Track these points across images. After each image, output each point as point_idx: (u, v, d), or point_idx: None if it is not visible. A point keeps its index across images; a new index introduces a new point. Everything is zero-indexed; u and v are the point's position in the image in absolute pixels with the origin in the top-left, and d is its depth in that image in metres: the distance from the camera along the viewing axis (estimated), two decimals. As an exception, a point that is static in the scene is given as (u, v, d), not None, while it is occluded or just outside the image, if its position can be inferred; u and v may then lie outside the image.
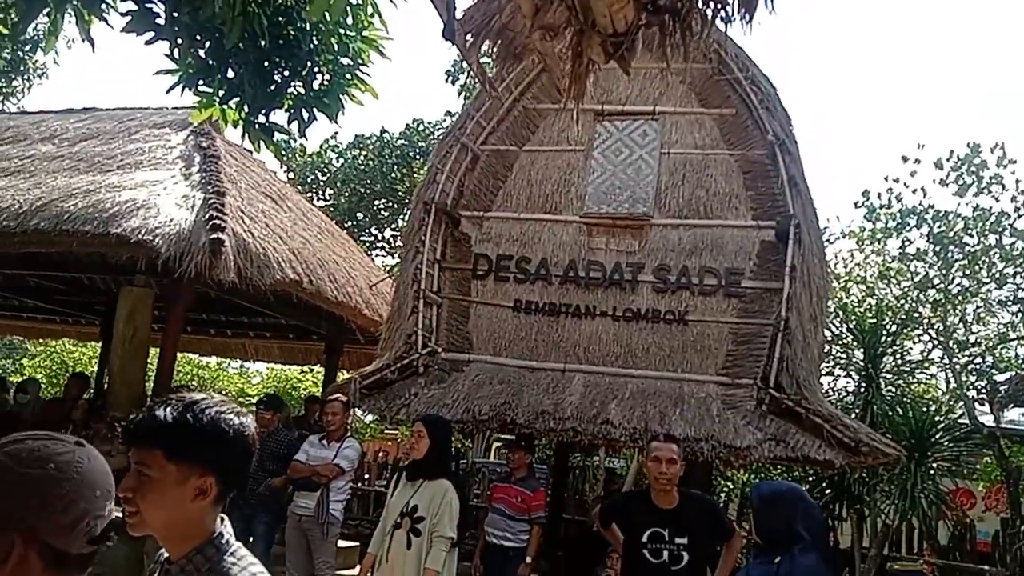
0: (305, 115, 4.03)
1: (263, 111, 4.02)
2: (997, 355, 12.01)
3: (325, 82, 3.89)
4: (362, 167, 19.60)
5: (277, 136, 4.16)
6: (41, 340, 17.81)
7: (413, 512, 4.48)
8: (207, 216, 6.27)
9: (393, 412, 6.73)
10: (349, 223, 18.60)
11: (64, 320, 12.52)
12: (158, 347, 7.63)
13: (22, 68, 16.27)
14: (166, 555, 1.68)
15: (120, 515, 1.36)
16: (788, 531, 3.12)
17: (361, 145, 20.10)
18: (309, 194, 18.14)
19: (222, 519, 1.67)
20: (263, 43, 3.50)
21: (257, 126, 4.05)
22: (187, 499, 1.56)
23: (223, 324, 11.77)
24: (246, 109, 3.98)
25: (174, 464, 1.55)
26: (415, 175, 18.24)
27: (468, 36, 1.58)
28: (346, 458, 6.18)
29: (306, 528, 6.17)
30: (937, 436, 9.32)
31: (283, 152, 4.13)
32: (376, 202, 20.21)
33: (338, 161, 20.30)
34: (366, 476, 13.79)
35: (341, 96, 3.97)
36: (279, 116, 4.09)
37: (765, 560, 3.24)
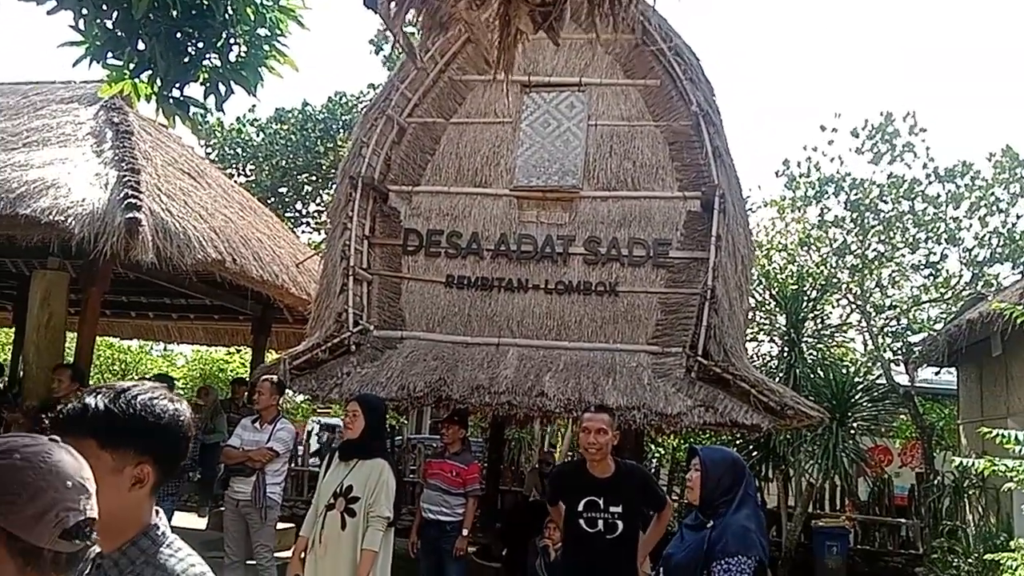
0: (222, 88, 3.86)
1: (177, 84, 3.84)
2: (911, 317, 12.54)
3: (242, 54, 3.73)
4: (284, 141, 19.11)
5: (193, 110, 3.99)
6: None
7: (348, 492, 4.42)
8: (122, 194, 6.00)
9: (325, 392, 6.62)
10: (272, 199, 18.15)
11: (-28, 306, 11.89)
12: (75, 332, 7.33)
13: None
14: (97, 550, 1.61)
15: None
16: (730, 497, 3.21)
17: (282, 119, 19.57)
18: (229, 170, 17.62)
19: (157, 511, 1.62)
20: (174, 13, 3.34)
21: (171, 100, 3.86)
22: (124, 488, 1.52)
23: (144, 306, 11.36)
24: (159, 83, 3.79)
25: (108, 452, 1.51)
26: (339, 148, 17.88)
27: (392, 4, 1.53)
28: (280, 440, 6.08)
29: (245, 513, 6.06)
30: (857, 397, 9.72)
31: (200, 127, 3.97)
32: (299, 177, 19.77)
33: (259, 136, 19.74)
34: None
35: (259, 68, 3.83)
36: (194, 90, 3.92)
37: (697, 524, 3.32)
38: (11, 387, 9.05)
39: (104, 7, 3.34)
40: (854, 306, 12.63)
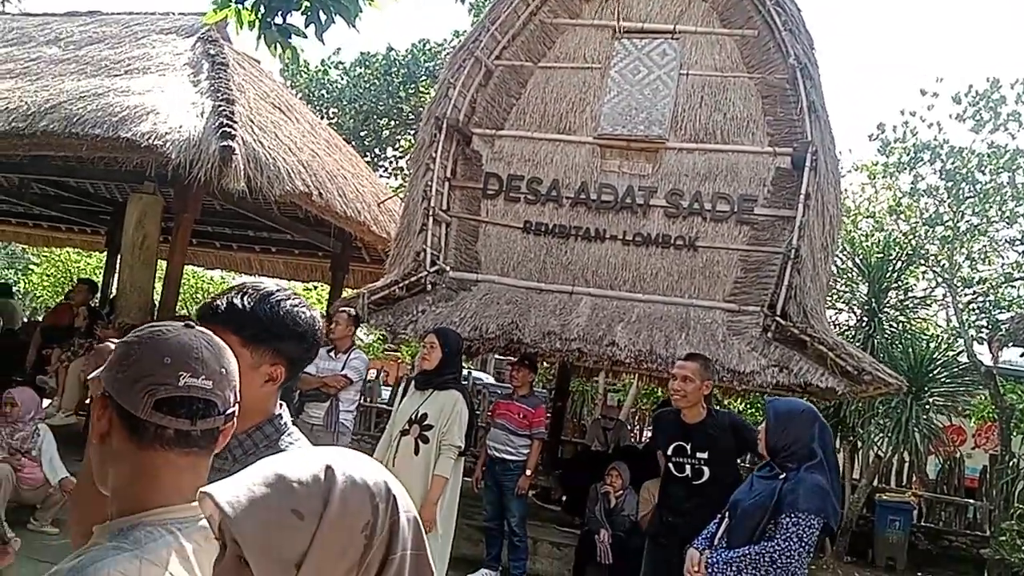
0: (322, 17, 3.93)
1: (279, 12, 3.93)
2: (1000, 294, 12.05)
3: (344, -18, 3.78)
4: (367, 85, 19.25)
5: (293, 39, 4.07)
6: (45, 249, 17.84)
7: (422, 420, 4.56)
8: (217, 123, 6.17)
9: (400, 328, 6.77)
10: (352, 143, 18.37)
11: (69, 228, 12.49)
12: (164, 259, 7.65)
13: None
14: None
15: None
16: (800, 449, 3.18)
17: (367, 63, 19.71)
18: (313, 111, 17.87)
19: (280, 404, 1.72)
20: (282, -61, 3.39)
21: (273, 28, 3.96)
22: (256, 384, 1.62)
23: (229, 237, 11.75)
24: (262, 10, 3.88)
25: (249, 350, 1.60)
26: (421, 95, 17.95)
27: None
28: (354, 369, 6.26)
29: (318, 437, 6.28)
30: (935, 372, 9.44)
31: (298, 57, 4.05)
32: (380, 121, 19.93)
33: (343, 79, 19.94)
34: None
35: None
36: (296, 19, 4.00)
37: (769, 473, 3.31)
38: (103, 306, 9.54)
39: (214, -67, 3.41)
40: (940, 279, 12.18)
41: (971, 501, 10.75)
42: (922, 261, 11.83)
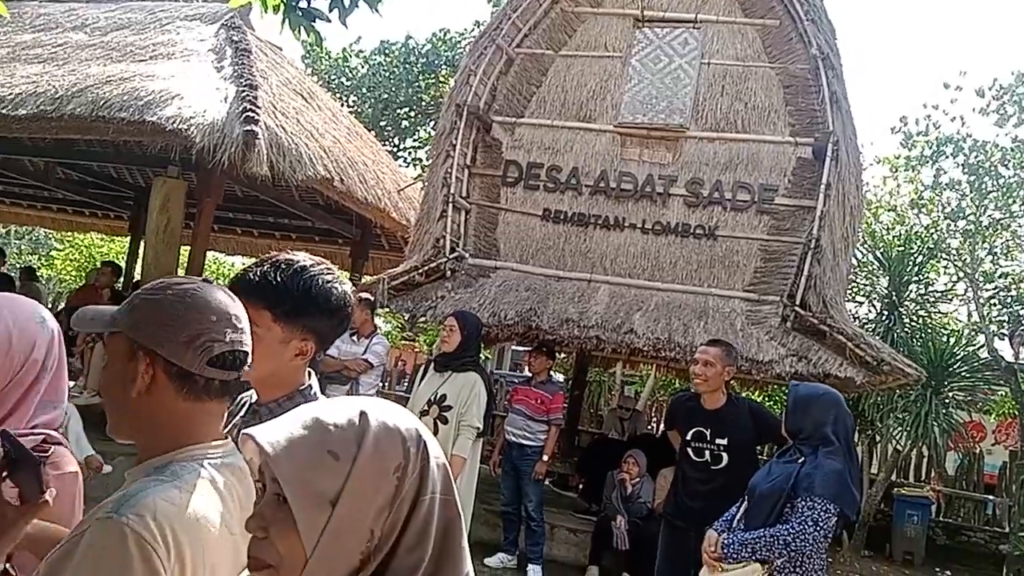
0: (346, 2, 3.96)
1: (305, -4, 3.96)
2: (1022, 289, 11.93)
3: (369, -33, 3.81)
4: (387, 74, 19.28)
5: (317, 23, 4.10)
6: (68, 234, 18.06)
7: (441, 400, 4.61)
8: (240, 108, 6.22)
9: (419, 314, 6.82)
10: (372, 132, 18.42)
11: (93, 213, 12.64)
12: (187, 245, 7.72)
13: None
14: (255, 398, 1.76)
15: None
16: (818, 433, 3.19)
17: (387, 51, 19.74)
18: (334, 100, 17.94)
19: (310, 374, 1.75)
20: (308, -79, 3.42)
21: (298, 11, 3.99)
22: (287, 358, 1.65)
23: (250, 224, 11.84)
24: (287, -7, 3.92)
25: (280, 325, 1.62)
26: (441, 84, 17.95)
27: None
28: (375, 353, 6.32)
29: (337, 419, 6.36)
30: (955, 367, 9.38)
31: (321, 40, 4.09)
32: (399, 111, 19.96)
33: (363, 67, 19.98)
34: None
35: (384, -17, 3.89)
36: (320, 2, 4.03)
37: (789, 459, 3.32)
38: (125, 290, 9.66)
39: (241, -84, 3.45)
40: (962, 273, 12.08)
41: (990, 497, 10.70)
42: (943, 255, 11.75)
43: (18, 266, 14.71)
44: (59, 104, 6.35)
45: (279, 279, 1.61)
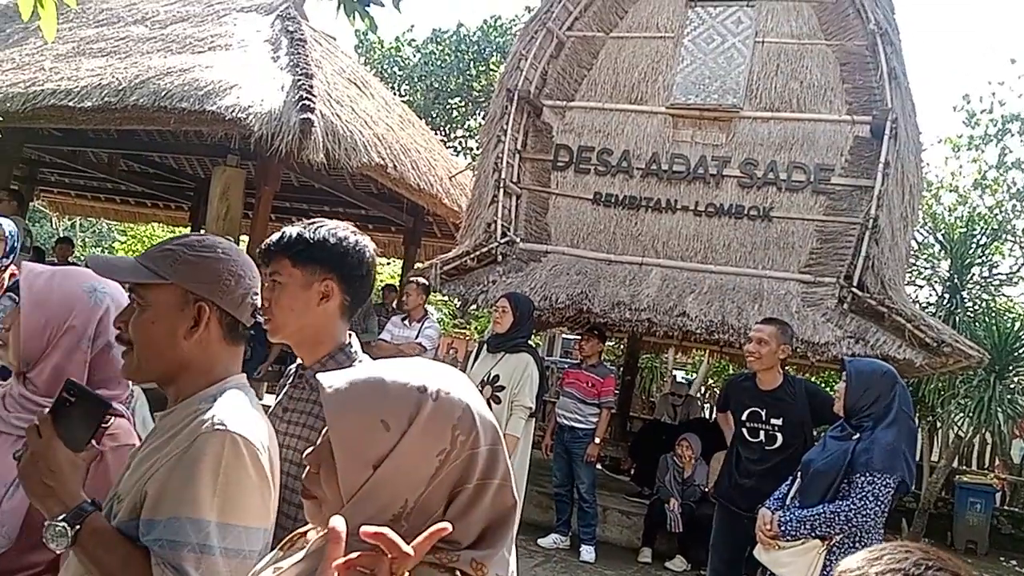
0: (400, -14, 4.01)
1: (359, -19, 4.02)
2: (1093, 271, 11.52)
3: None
4: (439, 62, 19.41)
5: (371, 8, 4.16)
6: (130, 225, 18.60)
7: (494, 381, 4.66)
8: (296, 97, 6.36)
9: (472, 298, 6.89)
10: (424, 121, 18.57)
11: (155, 204, 13.01)
12: (245, 235, 7.91)
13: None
14: (298, 363, 1.85)
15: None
16: (877, 410, 3.15)
17: (438, 40, 19.86)
18: (386, 87, 18.13)
19: (350, 334, 1.81)
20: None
21: (353, -2, 4.06)
22: (313, 302, 1.74)
23: (305, 213, 12.05)
24: (343, -21, 3.98)
25: (299, 269, 1.73)
26: (492, 72, 18.00)
27: None
28: (428, 337, 6.42)
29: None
30: (1020, 351, 9.11)
31: (376, 26, 4.15)
32: (451, 100, 20.08)
33: (415, 56, 20.14)
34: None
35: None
36: (375, -12, 4.08)
37: (844, 435, 3.29)
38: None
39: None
40: (1029, 255, 11.70)
41: (1058, 485, 10.38)
42: (1009, 237, 11.38)
43: (83, 259, 15.23)
44: (122, 96, 6.56)
45: (293, 232, 1.75)
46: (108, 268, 1.47)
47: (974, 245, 9.80)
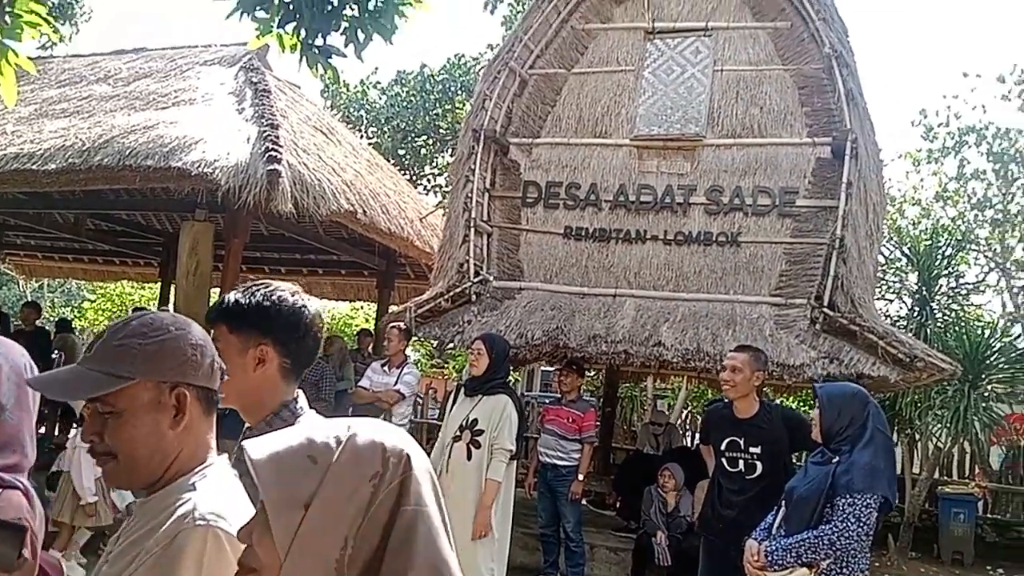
0: (361, 36, 4.05)
1: (319, 34, 4.06)
2: (1057, 276, 11.75)
3: (380, 2, 3.91)
4: (404, 103, 19.52)
5: (333, 59, 4.20)
6: (100, 283, 18.39)
7: (473, 425, 4.63)
8: (263, 148, 6.35)
9: (448, 339, 6.87)
10: (392, 161, 18.64)
11: (123, 262, 12.88)
12: (216, 287, 7.84)
13: (69, 13, 16.47)
14: (247, 425, 1.83)
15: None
16: (854, 431, 3.18)
17: (403, 81, 19.99)
18: (353, 132, 18.19)
19: (297, 391, 1.83)
20: (319, -37, 3.52)
21: (314, 49, 4.09)
22: (249, 368, 1.73)
23: (276, 262, 12.00)
24: (302, 33, 4.02)
25: (235, 335, 1.73)
26: (457, 110, 18.14)
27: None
28: (406, 384, 6.38)
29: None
30: (992, 359, 9.24)
31: (338, 76, 4.19)
32: (418, 140, 20.18)
33: (381, 98, 20.25)
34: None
35: (395, 16, 3.99)
36: (335, 39, 4.13)
37: (824, 460, 3.31)
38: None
39: (254, -39, 3.56)
40: (993, 264, 11.91)
41: (1039, 490, 10.47)
42: (973, 246, 11.60)
43: (52, 319, 15.01)
44: (86, 156, 6.53)
45: (231, 298, 1.76)
46: (62, 388, 1.36)
47: (940, 257, 9.96)
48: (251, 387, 1.74)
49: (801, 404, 11.38)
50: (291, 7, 3.85)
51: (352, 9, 3.91)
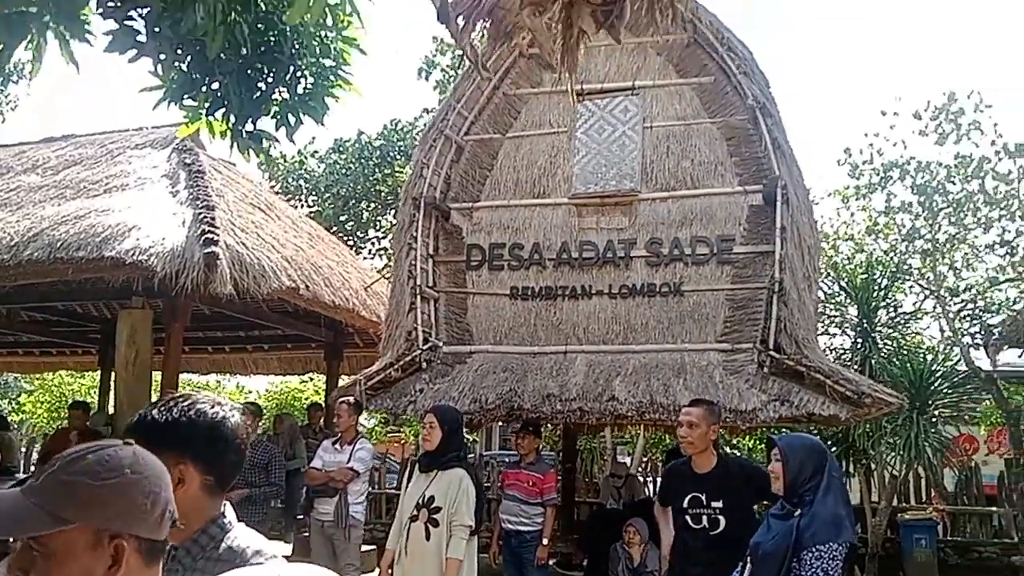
0: (292, 120, 4.04)
1: (250, 119, 4.04)
2: (988, 299, 12.17)
3: (309, 85, 3.91)
4: (343, 171, 19.55)
5: (265, 143, 4.18)
6: (38, 375, 17.76)
7: (430, 503, 4.52)
8: (199, 231, 6.28)
9: (400, 409, 6.78)
10: (334, 228, 18.57)
11: (60, 352, 12.49)
12: (158, 371, 7.64)
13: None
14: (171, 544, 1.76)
15: None
16: (817, 481, 3.21)
17: (341, 149, 20.04)
18: (293, 202, 18.09)
19: (224, 506, 1.76)
20: (245, 51, 3.52)
21: (245, 135, 4.07)
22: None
23: (220, 340, 11.76)
24: (232, 119, 4.00)
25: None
26: (397, 174, 18.23)
27: (459, 19, 1.62)
28: (360, 460, 6.25)
29: (329, 534, 6.23)
30: (936, 384, 9.45)
31: (270, 159, 4.17)
32: (359, 205, 20.17)
33: (320, 167, 20.25)
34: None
35: (325, 98, 4.00)
36: (266, 123, 4.12)
37: (784, 513, 3.32)
38: (95, 426, 9.45)
39: (179, 51, 3.54)
40: (928, 291, 12.30)
41: (994, 508, 10.63)
42: (907, 276, 11.96)
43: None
44: (15, 251, 6.36)
45: (147, 416, 1.69)
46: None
47: (876, 289, 10.23)
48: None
49: (759, 443, 11.46)
50: (219, 94, 3.83)
51: (281, 93, 3.92)
